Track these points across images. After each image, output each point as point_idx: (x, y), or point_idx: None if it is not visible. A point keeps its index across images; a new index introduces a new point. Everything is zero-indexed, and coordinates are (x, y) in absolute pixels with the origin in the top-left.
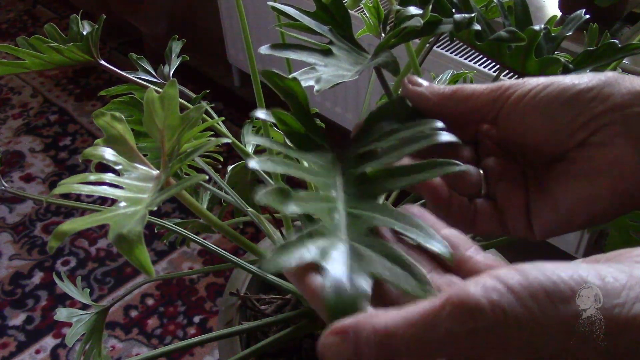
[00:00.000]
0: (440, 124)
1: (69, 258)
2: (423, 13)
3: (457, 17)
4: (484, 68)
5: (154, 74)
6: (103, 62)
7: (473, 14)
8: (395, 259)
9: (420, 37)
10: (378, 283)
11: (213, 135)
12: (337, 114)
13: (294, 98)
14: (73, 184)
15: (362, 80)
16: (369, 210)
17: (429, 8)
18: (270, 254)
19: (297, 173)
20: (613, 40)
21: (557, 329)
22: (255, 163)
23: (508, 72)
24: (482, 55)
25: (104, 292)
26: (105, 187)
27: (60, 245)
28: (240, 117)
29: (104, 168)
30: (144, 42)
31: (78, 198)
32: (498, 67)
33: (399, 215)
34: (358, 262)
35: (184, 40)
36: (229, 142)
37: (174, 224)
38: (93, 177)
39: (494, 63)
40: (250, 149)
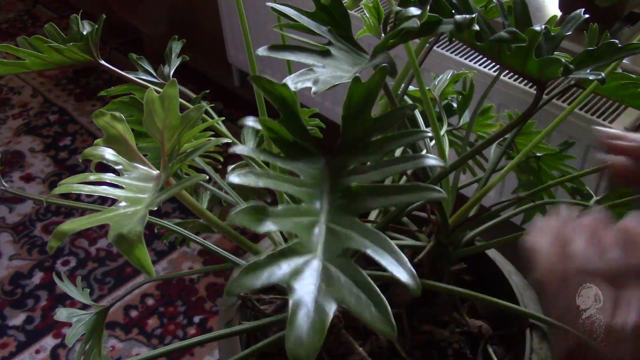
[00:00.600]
0: (429, 134)
1: (69, 258)
2: (421, 14)
3: (457, 18)
4: (484, 68)
5: (154, 74)
6: (103, 62)
7: (474, 15)
8: (363, 286)
9: (420, 37)
10: None
11: (213, 136)
12: (337, 114)
13: (284, 104)
14: (73, 184)
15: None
16: (348, 228)
17: (427, 9)
18: (236, 274)
19: (279, 186)
20: (613, 40)
21: None
22: (236, 177)
23: (508, 72)
24: (482, 56)
25: (104, 292)
26: (105, 187)
27: (60, 245)
28: (240, 117)
29: (104, 168)
30: (144, 42)
31: (78, 198)
32: (498, 67)
33: (376, 239)
34: (327, 285)
35: (184, 40)
36: (229, 142)
37: (174, 224)
38: (93, 177)
39: (494, 63)
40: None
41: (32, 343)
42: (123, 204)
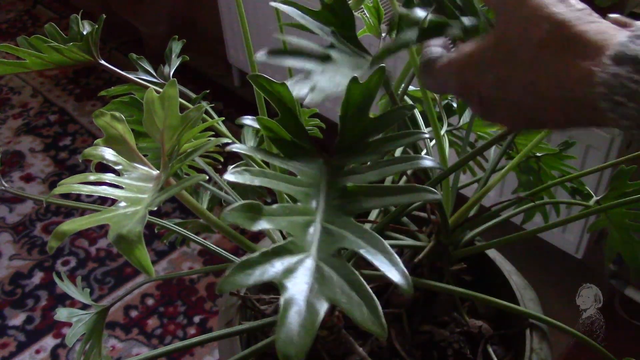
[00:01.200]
0: (427, 135)
1: (69, 258)
2: (424, 19)
3: (465, 22)
4: None
5: (154, 74)
6: (103, 62)
7: (480, 19)
8: (355, 285)
9: (425, 40)
10: None
11: (213, 136)
12: (337, 114)
13: (282, 103)
14: (73, 184)
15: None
16: (343, 228)
17: (427, 20)
18: (229, 271)
19: (275, 185)
20: None
21: (542, 4)
22: (232, 175)
23: None
24: None
25: (104, 292)
26: (105, 187)
27: (60, 245)
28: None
29: (104, 168)
30: (144, 42)
31: (78, 198)
32: None
33: (370, 239)
34: (319, 284)
35: (184, 40)
36: (229, 142)
37: (174, 224)
38: (93, 177)
39: None
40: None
41: (32, 343)
42: (123, 204)
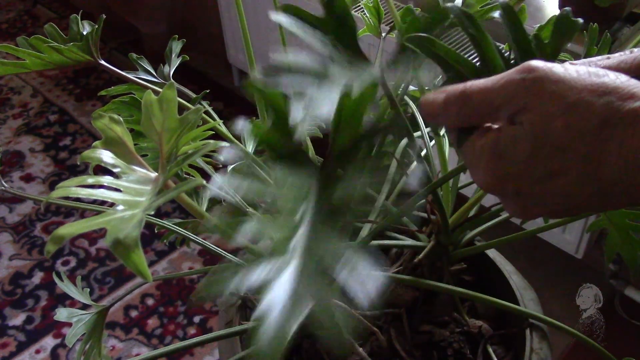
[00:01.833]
0: (419, 145)
1: (69, 258)
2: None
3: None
4: None
5: (154, 74)
6: (103, 62)
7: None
8: (330, 308)
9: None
10: None
11: (213, 136)
12: None
13: (275, 110)
14: (71, 187)
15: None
16: (326, 241)
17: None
18: (204, 281)
19: (262, 193)
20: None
21: (584, 87)
22: (216, 187)
23: None
24: None
25: (104, 292)
26: (103, 190)
27: (61, 245)
28: (240, 117)
29: (105, 169)
30: (144, 42)
31: (78, 198)
32: None
33: (350, 255)
34: (298, 292)
35: (184, 40)
36: (229, 143)
37: (174, 224)
38: (91, 179)
39: None
40: (251, 149)
41: (32, 343)
42: (120, 208)
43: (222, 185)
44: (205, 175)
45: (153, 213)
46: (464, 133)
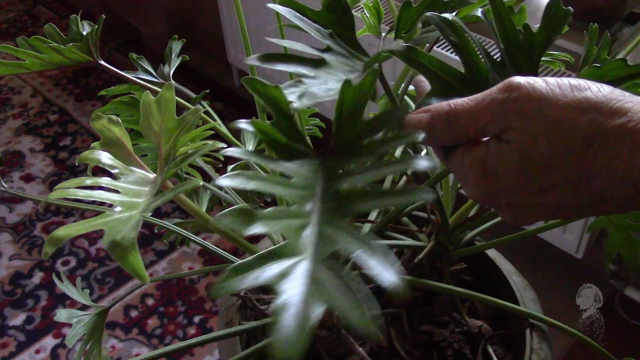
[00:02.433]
0: (422, 136)
1: (69, 258)
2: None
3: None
4: None
5: (154, 74)
6: (103, 62)
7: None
8: (352, 288)
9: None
10: None
11: (213, 136)
12: None
13: (276, 106)
14: (69, 189)
15: None
16: (338, 230)
17: (418, 28)
18: (222, 276)
19: (270, 188)
20: (622, 59)
21: (567, 104)
22: (225, 180)
23: None
24: None
25: (104, 292)
26: (101, 191)
27: (61, 245)
28: (240, 117)
29: (104, 170)
30: (144, 42)
31: (78, 198)
32: None
33: (365, 241)
34: (315, 287)
35: (184, 40)
36: (227, 144)
37: (174, 224)
38: (89, 181)
39: None
40: (251, 148)
41: (32, 343)
42: (118, 209)
43: (228, 184)
44: (206, 175)
45: (152, 213)
46: (450, 148)
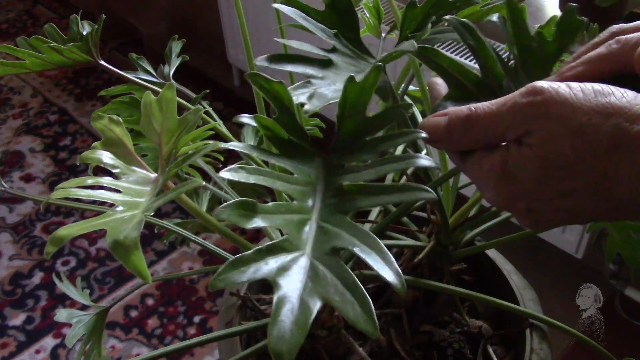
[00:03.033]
0: (423, 134)
1: (69, 258)
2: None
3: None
4: None
5: (154, 74)
6: (103, 62)
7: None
8: (349, 284)
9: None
10: None
11: (213, 136)
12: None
13: (280, 102)
14: (70, 188)
15: None
16: (338, 227)
17: (428, 28)
18: (222, 268)
19: (271, 183)
20: None
21: (591, 109)
22: (228, 173)
23: None
24: None
25: (104, 292)
26: (103, 191)
27: (60, 247)
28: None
29: (104, 170)
30: (144, 42)
31: (78, 199)
32: None
33: (365, 238)
34: (313, 282)
35: (184, 40)
36: (227, 145)
37: (174, 224)
38: (91, 180)
39: None
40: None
41: (32, 343)
42: (120, 209)
43: (230, 177)
44: (206, 176)
45: (152, 214)
46: (466, 152)
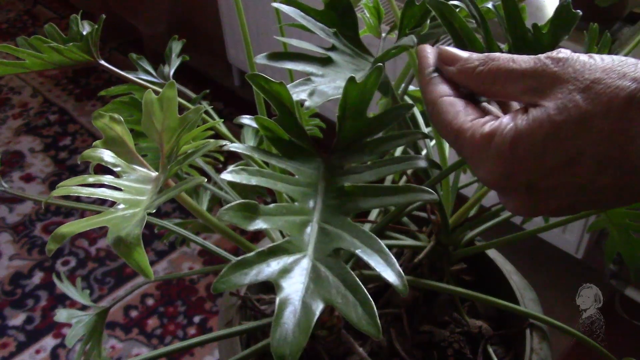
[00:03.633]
0: (422, 136)
1: (69, 258)
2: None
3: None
4: None
5: (154, 74)
6: (103, 62)
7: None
8: (351, 286)
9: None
10: None
11: (213, 136)
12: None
13: (280, 103)
14: (72, 186)
15: None
16: (340, 228)
17: (427, 24)
18: (224, 271)
19: (272, 184)
20: None
21: (610, 69)
22: (229, 175)
23: None
24: None
25: (104, 292)
26: (104, 189)
27: (61, 246)
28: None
29: (105, 169)
30: (144, 42)
31: (78, 198)
32: None
33: (367, 239)
34: (315, 284)
35: (184, 40)
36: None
37: (174, 224)
38: (92, 179)
39: None
40: None
41: (32, 343)
42: (121, 206)
43: (231, 178)
44: (205, 176)
45: (153, 212)
46: (461, 127)
